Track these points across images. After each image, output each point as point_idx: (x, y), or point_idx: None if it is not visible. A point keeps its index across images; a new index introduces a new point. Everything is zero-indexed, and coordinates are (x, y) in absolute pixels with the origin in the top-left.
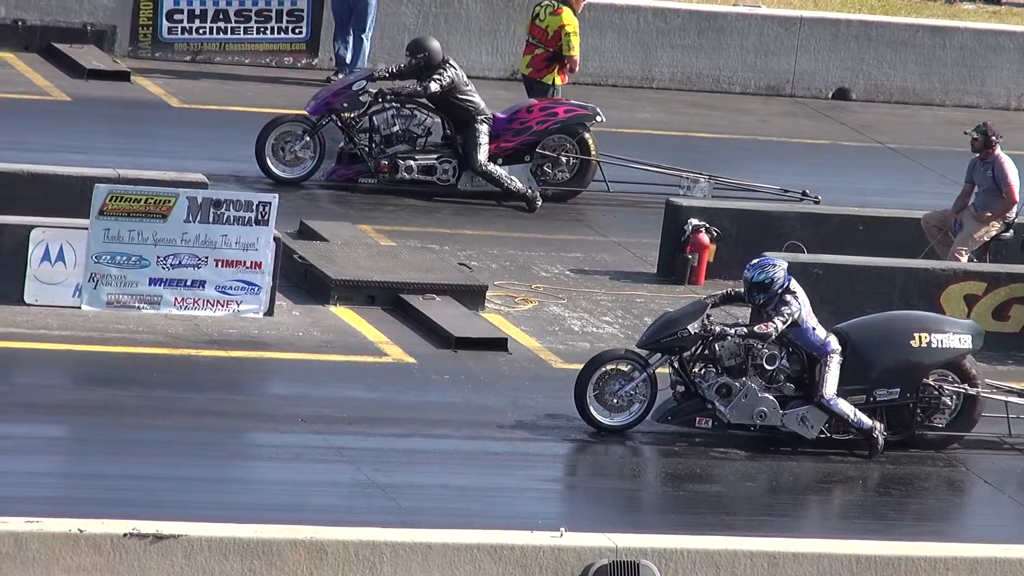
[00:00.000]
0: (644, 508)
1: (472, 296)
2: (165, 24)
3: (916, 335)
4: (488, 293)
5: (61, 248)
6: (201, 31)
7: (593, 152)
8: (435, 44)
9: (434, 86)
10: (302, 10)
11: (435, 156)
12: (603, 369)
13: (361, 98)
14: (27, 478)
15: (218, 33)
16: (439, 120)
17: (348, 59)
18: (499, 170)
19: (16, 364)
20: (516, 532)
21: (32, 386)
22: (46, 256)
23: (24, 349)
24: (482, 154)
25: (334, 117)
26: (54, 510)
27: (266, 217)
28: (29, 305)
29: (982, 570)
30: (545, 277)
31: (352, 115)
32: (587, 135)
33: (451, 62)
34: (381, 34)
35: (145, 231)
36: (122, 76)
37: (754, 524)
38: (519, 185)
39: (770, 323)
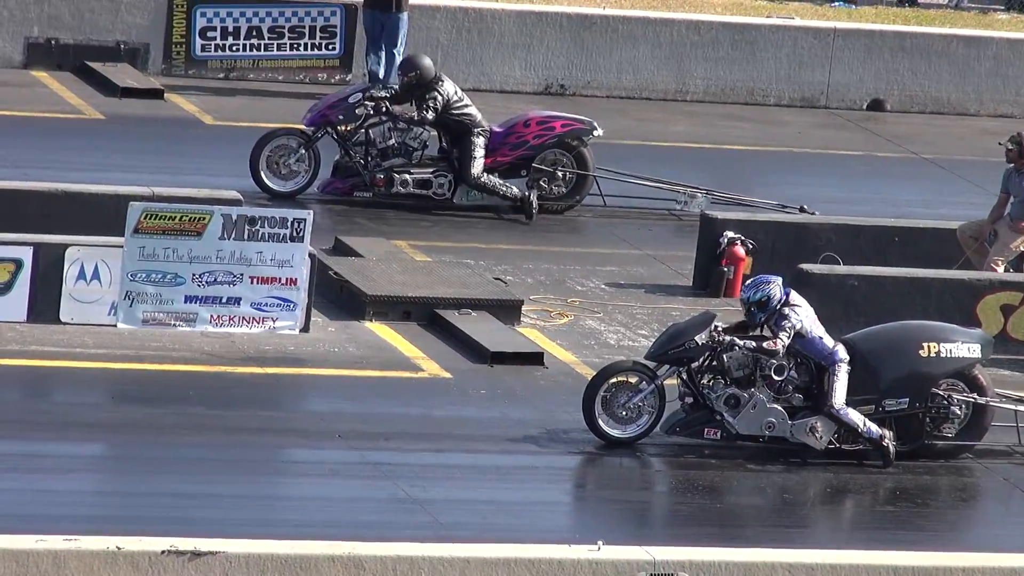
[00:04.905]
0: (683, 521)
1: (508, 311)
2: (198, 41)
3: (925, 344)
4: (524, 307)
5: (96, 266)
6: (234, 48)
7: (590, 166)
8: (427, 61)
9: (430, 116)
10: (335, 26)
11: (431, 170)
12: (611, 381)
13: (357, 111)
14: (65, 496)
15: (251, 50)
16: (435, 134)
17: (381, 74)
18: (493, 179)
19: (52, 383)
20: (554, 546)
21: (69, 405)
22: (81, 274)
23: (60, 368)
24: (476, 167)
25: (330, 130)
26: (92, 528)
27: (301, 233)
28: (65, 324)
29: None
30: (580, 291)
31: (348, 128)
32: (584, 149)
33: (442, 78)
34: (414, 49)
35: (180, 249)
36: (156, 94)
37: (791, 536)
38: (515, 190)
39: (776, 339)
